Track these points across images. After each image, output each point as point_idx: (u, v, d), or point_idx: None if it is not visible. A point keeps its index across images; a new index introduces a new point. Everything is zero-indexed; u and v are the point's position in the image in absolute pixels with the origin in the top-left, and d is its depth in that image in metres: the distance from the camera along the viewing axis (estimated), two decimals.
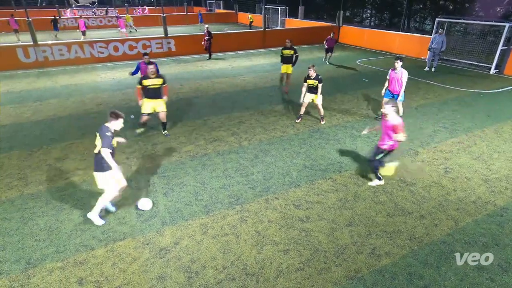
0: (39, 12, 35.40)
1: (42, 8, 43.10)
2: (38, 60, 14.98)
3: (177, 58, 17.14)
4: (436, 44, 13.51)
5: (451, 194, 5.56)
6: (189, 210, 5.18)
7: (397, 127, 5.20)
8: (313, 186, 5.80)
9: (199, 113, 9.34)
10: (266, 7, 29.14)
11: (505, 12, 17.34)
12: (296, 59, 10.82)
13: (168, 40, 17.47)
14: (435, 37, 13.69)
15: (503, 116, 8.95)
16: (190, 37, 18.66)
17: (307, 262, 4.17)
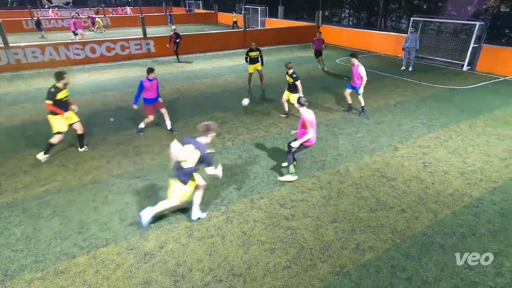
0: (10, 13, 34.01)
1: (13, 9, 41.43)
2: (10, 63, 14.38)
3: (157, 59, 16.87)
4: (410, 43, 13.91)
5: (430, 188, 5.74)
6: (174, 215, 5.10)
7: (305, 122, 5.38)
8: (297, 185, 5.85)
9: (181, 115, 9.23)
10: (246, 7, 29.16)
11: (475, 12, 18.08)
12: (262, 59, 11.30)
13: (147, 41, 17.18)
14: (409, 36, 14.11)
15: (476, 111, 9.33)
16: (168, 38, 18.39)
17: (293, 260, 4.20)
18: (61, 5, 40.17)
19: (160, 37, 17.95)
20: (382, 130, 8.13)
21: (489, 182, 5.89)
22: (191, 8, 43.91)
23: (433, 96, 10.77)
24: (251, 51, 11.01)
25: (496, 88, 11.66)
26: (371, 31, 19.74)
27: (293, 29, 22.66)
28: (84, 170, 6.38)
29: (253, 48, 11.02)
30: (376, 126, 8.38)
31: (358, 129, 8.18)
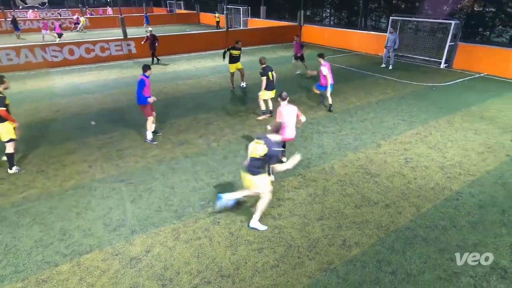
0: None
1: None
2: None
3: (139, 60, 16.58)
4: (390, 43, 14.27)
5: (412, 183, 5.89)
6: (160, 216, 5.04)
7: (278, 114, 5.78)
8: (283, 183, 5.89)
9: (165, 116, 9.11)
10: (228, 7, 29.07)
11: (450, 11, 18.67)
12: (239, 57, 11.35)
13: (128, 42, 16.86)
14: (388, 36, 14.46)
15: (454, 107, 9.64)
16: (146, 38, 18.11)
17: (281, 259, 4.22)
18: (37, 5, 38.87)
19: (141, 37, 17.63)
20: (365, 127, 8.28)
21: (467, 175, 6.10)
22: (172, 8, 43.37)
23: (412, 93, 11.05)
24: (233, 49, 10.97)
25: (472, 84, 12.08)
26: (352, 30, 20.07)
27: (275, 29, 22.76)
28: (65, 175, 6.20)
29: (236, 46, 10.99)
30: (359, 123, 8.52)
31: (342, 127, 8.30)
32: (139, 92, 7.03)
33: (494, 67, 13.34)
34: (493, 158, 6.71)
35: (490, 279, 3.91)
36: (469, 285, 3.84)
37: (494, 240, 4.52)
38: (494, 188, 5.69)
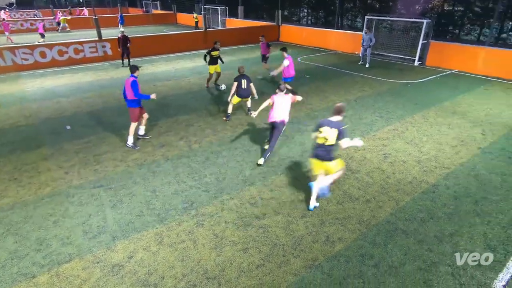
0: None
1: None
2: None
3: (115, 62, 16.17)
4: (366, 42, 14.67)
5: (391, 177, 6.06)
6: (142, 221, 4.94)
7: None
8: (266, 183, 5.91)
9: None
10: (205, 7, 28.84)
11: (422, 10, 19.34)
12: (221, 59, 11.31)
13: (103, 44, 16.40)
14: (363, 36, 14.85)
15: (428, 103, 9.99)
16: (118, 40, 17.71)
17: (266, 258, 4.24)
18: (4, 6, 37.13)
19: (116, 39, 17.21)
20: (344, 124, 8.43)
21: (442, 168, 6.34)
22: (149, 8, 42.59)
23: (389, 90, 11.37)
24: (214, 50, 10.89)
25: (444, 81, 12.57)
26: (329, 29, 20.40)
27: (254, 29, 22.80)
28: (40, 182, 5.96)
29: (216, 47, 10.92)
30: None
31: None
32: (137, 94, 6.72)
33: (464, 64, 13.94)
34: (465, 151, 7.01)
35: (466, 266, 4.08)
36: (447, 273, 3.99)
37: (469, 230, 4.72)
38: (468, 180, 5.95)
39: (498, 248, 4.38)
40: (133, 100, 6.88)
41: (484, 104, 9.82)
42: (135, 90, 6.69)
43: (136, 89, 6.68)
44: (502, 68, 12.87)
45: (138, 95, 6.76)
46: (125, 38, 14.73)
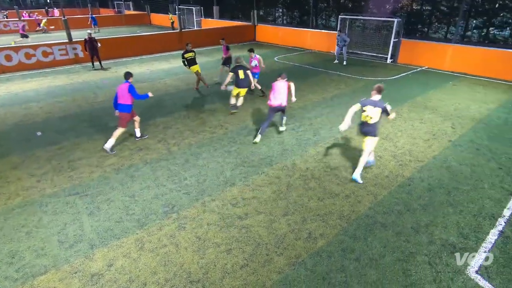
0: None
1: None
2: None
3: (87, 65, 15.64)
4: (340, 42, 15.01)
5: (368, 172, 6.23)
6: (121, 227, 4.81)
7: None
8: (247, 183, 5.91)
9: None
10: (180, 7, 28.47)
11: (392, 9, 19.97)
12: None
13: (73, 46, 15.82)
14: (337, 37, 15.17)
15: (401, 99, 10.34)
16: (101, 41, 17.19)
17: (250, 258, 4.24)
18: None
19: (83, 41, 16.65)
20: (322, 122, 8.58)
21: (417, 162, 6.58)
22: (121, 9, 41.51)
23: (364, 87, 11.66)
24: (186, 53, 10.79)
25: (416, 77, 13.05)
26: (304, 29, 20.67)
27: (230, 29, 22.74)
28: (9, 192, 5.68)
29: (188, 49, 10.82)
30: (316, 119, 8.81)
31: (301, 123, 8.53)
32: (136, 96, 6.91)
33: (433, 61, 14.54)
34: (437, 144, 7.31)
35: (442, 255, 4.26)
36: (424, 262, 4.15)
37: (443, 220, 4.93)
38: (440, 172, 6.21)
39: (470, 236, 4.60)
40: (125, 105, 6.89)
41: (452, 99, 10.28)
42: (135, 94, 6.89)
43: (135, 92, 6.90)
44: (468, 65, 13.53)
45: (138, 96, 6.97)
46: (92, 40, 14.25)
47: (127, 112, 6.96)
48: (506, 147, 7.15)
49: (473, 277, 3.93)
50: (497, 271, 4.01)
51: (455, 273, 3.99)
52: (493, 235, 4.60)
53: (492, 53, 13.01)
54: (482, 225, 4.81)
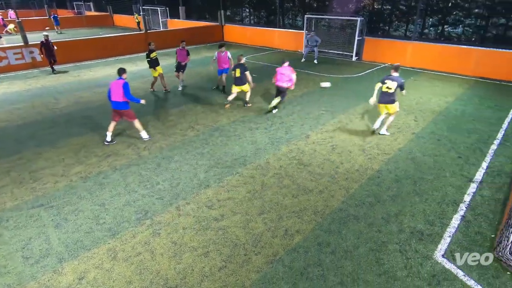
0: None
1: None
2: None
3: (46, 69, 14.80)
4: (311, 42, 15.31)
5: (340, 167, 6.41)
6: (91, 238, 4.60)
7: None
8: (222, 184, 5.87)
9: (85, 128, 8.33)
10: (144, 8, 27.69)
11: (355, 9, 20.66)
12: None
13: (30, 49, 14.91)
14: (309, 38, 15.46)
15: (367, 95, 10.69)
16: (61, 43, 16.34)
17: (228, 259, 4.22)
18: None
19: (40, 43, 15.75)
20: (293, 120, 8.72)
21: (384, 154, 6.86)
22: (81, 10, 39.71)
23: (332, 85, 11.96)
24: (152, 52, 10.51)
25: (380, 74, 13.59)
26: (271, 29, 20.87)
27: (197, 29, 22.47)
28: None
29: (152, 49, 10.55)
30: (288, 117, 8.94)
31: (273, 122, 8.60)
32: (128, 95, 6.93)
33: (395, 58, 15.21)
34: (402, 137, 7.67)
35: (411, 242, 4.48)
36: (395, 250, 4.34)
37: (410, 209, 5.18)
38: (406, 163, 6.52)
39: (435, 222, 4.87)
40: (118, 102, 6.97)
41: (414, 94, 10.82)
42: (127, 92, 6.87)
43: (128, 90, 6.89)
44: (426, 61, 14.31)
45: (130, 97, 6.95)
46: (49, 42, 13.52)
47: (127, 108, 7.14)
48: (464, 137, 7.65)
49: (440, 261, 4.17)
50: (460, 254, 4.28)
51: (424, 258, 4.21)
52: (456, 220, 4.90)
53: (447, 49, 13.86)
54: (446, 211, 5.11)
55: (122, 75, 7.01)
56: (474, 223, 4.84)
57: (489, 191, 5.61)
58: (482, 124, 8.35)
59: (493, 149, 7.05)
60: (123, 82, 6.88)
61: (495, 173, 6.15)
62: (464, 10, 17.31)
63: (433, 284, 3.84)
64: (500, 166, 6.39)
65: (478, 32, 16.87)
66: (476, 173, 6.15)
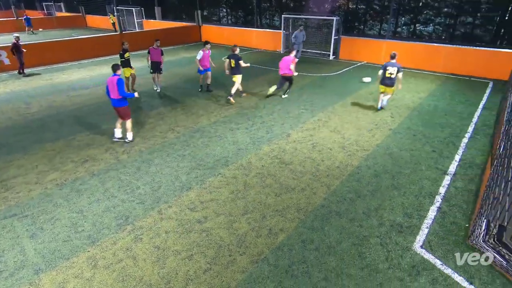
0: None
1: None
2: None
3: (14, 72, 14.15)
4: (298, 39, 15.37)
5: (321, 164, 6.50)
6: (70, 246, 4.44)
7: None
8: (204, 186, 5.82)
9: (60, 133, 8.03)
10: (118, 8, 27.03)
11: (331, 8, 21.03)
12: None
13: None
14: (296, 34, 15.51)
15: (345, 93, 10.95)
16: (32, 45, 15.67)
17: (213, 261, 4.19)
18: None
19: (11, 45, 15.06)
20: (274, 120, 8.77)
21: (363, 151, 7.03)
22: (51, 11, 38.24)
23: (311, 84, 12.14)
24: (126, 52, 10.34)
25: (356, 72, 13.91)
26: (249, 28, 20.89)
27: (175, 30, 22.17)
28: None
29: (125, 48, 10.36)
30: (268, 116, 8.97)
31: (253, 122, 8.62)
32: (122, 92, 6.84)
33: (370, 56, 15.62)
34: (380, 133, 7.88)
35: (391, 235, 4.61)
36: (376, 244, 4.45)
37: (390, 202, 5.33)
38: (384, 158, 6.70)
39: (413, 214, 5.03)
40: (116, 99, 6.96)
41: None
42: (121, 88, 6.79)
43: (122, 87, 6.80)
44: (400, 58, 14.67)
45: (124, 93, 6.86)
46: (19, 45, 12.96)
47: (125, 105, 7.10)
48: (437, 131, 7.95)
49: (419, 252, 4.31)
50: (438, 244, 4.44)
51: (404, 250, 4.35)
52: (432, 212, 5.09)
53: (419, 47, 14.36)
54: (423, 203, 5.30)
55: (116, 72, 6.93)
56: (449, 213, 5.05)
57: (462, 182, 5.86)
58: (454, 119, 8.71)
59: (464, 142, 7.37)
60: (117, 79, 6.81)
61: (467, 165, 6.43)
62: (434, 9, 17.99)
63: (413, 274, 3.97)
64: (471, 158, 6.69)
65: (447, 31, 17.58)
66: (450, 165, 6.41)
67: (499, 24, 15.97)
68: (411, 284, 3.84)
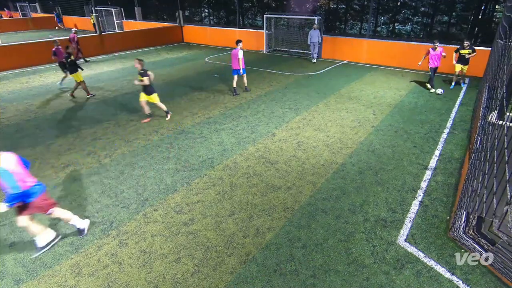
0: None
1: None
2: None
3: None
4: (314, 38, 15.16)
5: (306, 163, 6.56)
6: (52, 254, 4.31)
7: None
8: (190, 187, 5.77)
9: (38, 138, 7.77)
10: (96, 8, 26.38)
11: (313, 8, 21.25)
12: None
13: None
14: (311, 33, 15.28)
15: (328, 92, 11.09)
16: (6, 48, 15.10)
17: (201, 263, 4.16)
18: None
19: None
20: (258, 119, 8.78)
21: (347, 148, 7.14)
22: (25, 12, 36.96)
23: (294, 83, 12.23)
24: (70, 56, 10.51)
25: (339, 71, 14.11)
26: (232, 28, 20.84)
27: (156, 31, 21.85)
28: None
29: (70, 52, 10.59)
30: (253, 116, 8.98)
31: (238, 122, 8.60)
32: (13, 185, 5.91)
33: (352, 55, 15.88)
34: (363, 130, 8.02)
35: (376, 230, 4.70)
36: (362, 239, 4.53)
37: (374, 198, 5.43)
38: (367, 155, 6.83)
39: (397, 209, 5.15)
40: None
41: (372, 89, 11.36)
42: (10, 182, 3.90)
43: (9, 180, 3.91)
44: (381, 57, 15.08)
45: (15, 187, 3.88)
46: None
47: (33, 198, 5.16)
48: (418, 127, 8.17)
49: (403, 245, 4.42)
50: (421, 237, 4.57)
51: (388, 244, 4.44)
52: (415, 206, 5.23)
53: (398, 45, 14.70)
54: (406, 198, 5.43)
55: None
56: (431, 207, 5.19)
57: (442, 176, 6.04)
58: (433, 115, 8.97)
59: (443, 138, 7.61)
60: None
61: (446, 159, 6.64)
62: (412, 8, 18.47)
63: (398, 267, 4.07)
64: (450, 153, 6.91)
65: (425, 29, 18.08)
66: (430, 160, 6.60)
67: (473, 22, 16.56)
68: (396, 277, 3.93)
